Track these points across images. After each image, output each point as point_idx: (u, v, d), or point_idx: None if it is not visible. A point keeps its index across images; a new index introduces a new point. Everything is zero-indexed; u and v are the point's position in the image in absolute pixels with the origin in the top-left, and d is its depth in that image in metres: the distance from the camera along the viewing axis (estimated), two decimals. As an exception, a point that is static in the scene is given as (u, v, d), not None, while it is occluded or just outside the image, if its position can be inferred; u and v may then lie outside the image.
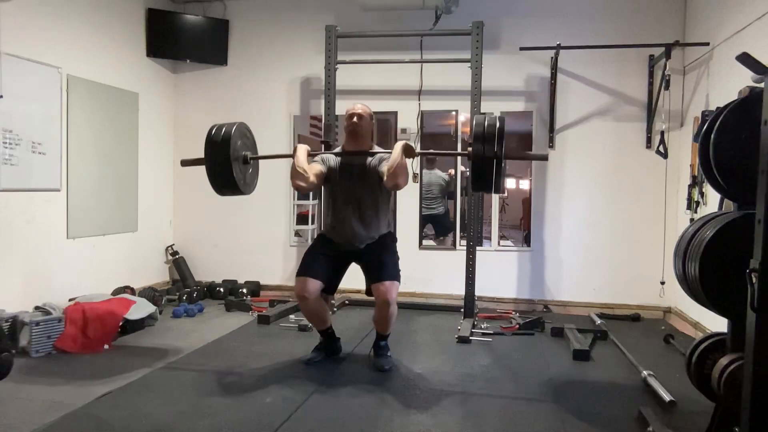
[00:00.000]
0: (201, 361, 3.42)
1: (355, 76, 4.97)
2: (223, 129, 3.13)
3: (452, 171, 5.38)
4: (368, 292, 3.32)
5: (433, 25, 4.68)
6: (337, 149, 3.47)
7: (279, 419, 2.54)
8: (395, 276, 3.25)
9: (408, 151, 3.13)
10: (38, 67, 3.95)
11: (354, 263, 3.43)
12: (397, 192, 5.06)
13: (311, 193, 5.40)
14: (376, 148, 3.37)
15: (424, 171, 5.65)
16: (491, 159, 2.73)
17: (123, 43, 4.86)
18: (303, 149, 3.24)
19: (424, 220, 5.41)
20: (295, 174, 3.17)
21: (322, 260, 3.32)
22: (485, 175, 2.78)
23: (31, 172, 3.92)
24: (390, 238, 3.42)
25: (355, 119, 3.29)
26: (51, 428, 2.44)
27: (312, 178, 3.18)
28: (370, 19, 4.97)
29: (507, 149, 2.81)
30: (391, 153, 3.15)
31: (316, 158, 3.35)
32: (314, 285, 3.24)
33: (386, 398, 2.87)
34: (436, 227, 6.33)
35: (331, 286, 3.39)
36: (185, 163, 3.42)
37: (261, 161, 3.48)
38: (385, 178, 3.11)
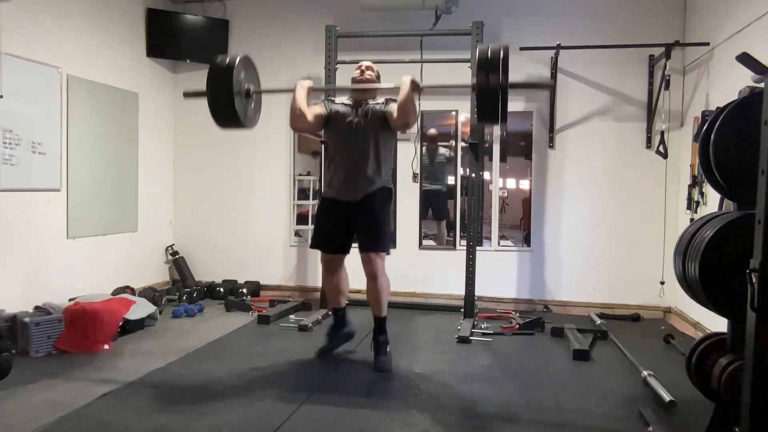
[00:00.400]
0: (201, 361, 3.42)
1: (355, 76, 4.97)
2: (227, 59, 3.09)
3: (452, 142, 5.36)
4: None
5: (433, 25, 4.68)
6: (344, 98, 3.47)
7: (279, 419, 2.54)
8: (380, 244, 3.24)
9: (414, 86, 3.11)
10: (38, 67, 3.95)
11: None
12: (398, 191, 5.11)
13: (311, 194, 5.39)
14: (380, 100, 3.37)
15: (427, 154, 5.62)
16: (496, 89, 2.68)
17: (123, 43, 4.86)
18: (303, 86, 3.23)
19: (425, 196, 5.35)
20: (294, 115, 3.18)
21: (329, 226, 3.35)
22: (491, 105, 2.73)
23: (31, 172, 3.92)
24: (386, 194, 3.37)
25: (363, 68, 3.36)
26: (51, 428, 2.43)
27: (311, 118, 3.19)
28: (370, 19, 4.96)
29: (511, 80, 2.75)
30: (396, 99, 3.14)
31: (320, 101, 3.36)
32: (340, 260, 3.39)
33: (386, 398, 2.87)
34: (435, 208, 6.22)
35: (342, 246, 3.40)
36: (188, 94, 3.36)
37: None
38: (395, 115, 3.11)
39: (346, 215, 3.31)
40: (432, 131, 5.80)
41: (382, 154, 3.29)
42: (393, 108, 3.16)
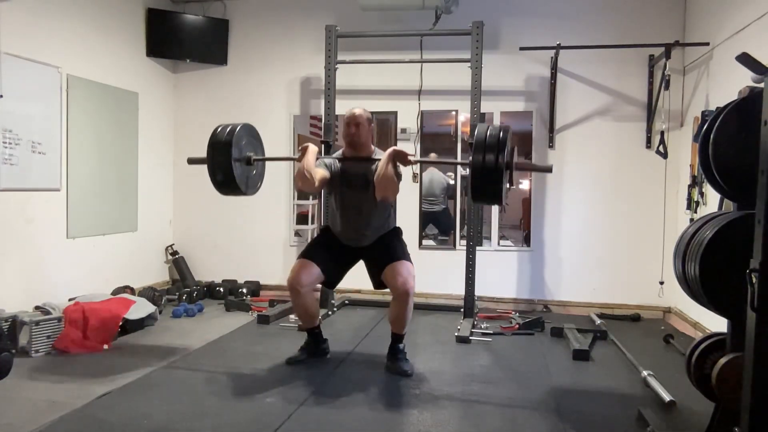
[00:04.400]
0: (201, 361, 3.42)
1: (355, 76, 4.97)
2: (228, 129, 3.13)
3: (452, 174, 5.39)
4: (377, 285, 3.29)
5: (433, 25, 4.68)
6: (338, 153, 3.43)
7: (279, 419, 2.54)
8: (404, 255, 3.23)
9: (400, 158, 3.04)
10: (38, 66, 3.95)
11: (361, 260, 3.39)
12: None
13: (311, 194, 5.40)
14: (377, 152, 3.29)
15: (425, 171, 5.65)
16: (492, 170, 2.62)
17: (123, 42, 4.86)
18: (313, 152, 3.15)
19: (424, 217, 5.40)
20: (302, 176, 3.11)
21: (325, 251, 3.32)
22: (486, 187, 2.69)
23: (31, 172, 3.92)
24: (396, 232, 3.41)
25: (353, 129, 3.23)
26: (51, 428, 2.43)
27: (317, 183, 3.15)
28: (370, 19, 4.96)
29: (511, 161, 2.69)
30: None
31: (320, 162, 3.27)
32: (309, 275, 3.22)
33: (386, 398, 2.87)
34: (437, 225, 6.31)
35: (333, 279, 3.38)
36: (192, 161, 3.40)
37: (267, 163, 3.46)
38: (375, 188, 3.08)
39: (349, 252, 3.34)
40: (432, 156, 5.83)
41: (384, 212, 3.30)
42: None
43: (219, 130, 3.16)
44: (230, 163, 3.08)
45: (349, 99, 4.71)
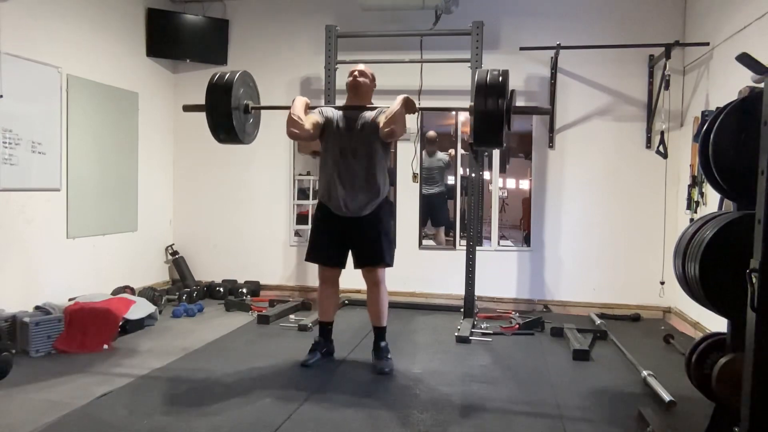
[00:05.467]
0: (201, 361, 3.42)
1: (355, 76, 4.96)
2: (226, 76, 3.12)
3: (452, 151, 5.37)
4: (356, 267, 3.35)
5: (433, 25, 4.68)
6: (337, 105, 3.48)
7: (279, 419, 2.54)
8: (385, 258, 3.26)
9: (409, 105, 3.13)
10: (38, 67, 3.95)
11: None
12: (398, 191, 5.11)
13: (311, 194, 5.39)
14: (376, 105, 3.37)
15: (425, 157, 5.62)
16: (493, 114, 2.68)
17: (123, 43, 4.86)
18: (301, 100, 3.27)
19: (423, 199, 5.34)
20: (291, 122, 3.17)
21: (328, 240, 3.33)
22: (487, 130, 2.73)
23: (30, 172, 3.92)
24: (388, 207, 3.40)
25: (356, 74, 3.34)
26: (51, 428, 2.43)
27: (308, 126, 3.19)
28: (370, 19, 4.96)
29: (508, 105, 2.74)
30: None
31: (315, 110, 3.36)
32: (338, 274, 3.38)
33: (386, 399, 2.86)
34: (433, 214, 6.19)
35: (341, 261, 3.38)
36: (187, 108, 3.38)
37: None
38: (381, 124, 3.12)
39: (345, 229, 3.29)
40: (431, 133, 5.80)
41: (379, 167, 3.28)
42: (382, 117, 3.16)
43: (216, 77, 3.13)
44: (229, 111, 3.05)
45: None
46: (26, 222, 3.89)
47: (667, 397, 2.77)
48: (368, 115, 3.27)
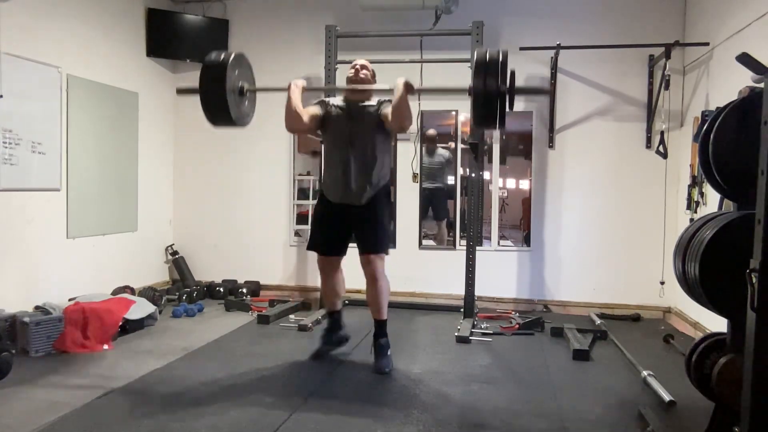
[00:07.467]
0: (201, 361, 3.42)
1: (355, 76, 4.96)
2: (221, 56, 3.07)
3: (452, 144, 5.37)
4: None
5: (433, 25, 4.68)
6: (338, 98, 3.46)
7: (279, 419, 2.54)
8: (380, 245, 3.27)
9: (409, 87, 3.10)
10: (38, 67, 3.95)
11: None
12: (398, 191, 5.12)
13: (311, 194, 5.39)
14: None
15: (425, 155, 5.61)
16: (492, 94, 2.67)
17: (123, 42, 4.86)
18: (297, 85, 3.22)
19: (424, 194, 5.34)
20: (288, 114, 3.17)
21: (326, 229, 3.35)
22: (487, 111, 2.72)
23: (31, 172, 3.92)
24: (385, 194, 3.40)
25: (358, 67, 3.35)
26: (51, 428, 2.43)
27: (306, 119, 3.18)
28: (370, 19, 4.96)
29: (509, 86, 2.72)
30: (390, 100, 3.13)
31: (316, 102, 3.36)
32: (336, 262, 3.40)
33: (386, 398, 2.87)
34: (434, 208, 6.19)
35: (340, 250, 3.40)
36: (181, 91, 3.35)
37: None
38: (390, 118, 3.11)
39: (344, 217, 3.31)
40: (431, 132, 5.79)
41: (379, 158, 3.28)
42: (388, 110, 3.15)
43: (212, 57, 3.08)
44: (224, 93, 2.99)
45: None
46: (26, 222, 3.89)
47: (667, 397, 2.77)
48: (370, 104, 3.28)
